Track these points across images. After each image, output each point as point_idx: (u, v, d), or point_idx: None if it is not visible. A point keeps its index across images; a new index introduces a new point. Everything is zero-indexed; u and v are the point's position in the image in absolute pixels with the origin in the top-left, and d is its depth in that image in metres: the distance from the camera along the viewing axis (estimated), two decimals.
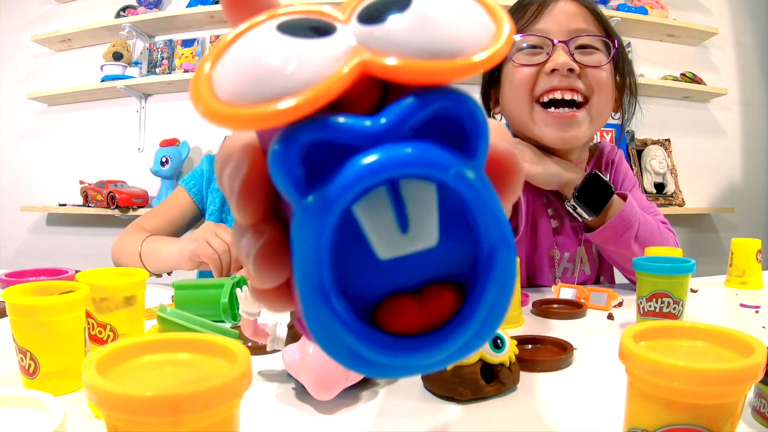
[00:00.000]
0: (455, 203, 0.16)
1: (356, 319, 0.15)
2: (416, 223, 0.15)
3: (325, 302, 0.15)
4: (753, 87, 2.75)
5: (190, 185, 1.20)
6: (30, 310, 0.48)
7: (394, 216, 0.15)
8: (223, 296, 0.73)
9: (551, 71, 0.88)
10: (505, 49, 0.15)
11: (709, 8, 2.71)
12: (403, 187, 0.15)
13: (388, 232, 0.15)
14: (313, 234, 0.15)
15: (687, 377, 0.30)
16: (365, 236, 0.15)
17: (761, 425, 0.42)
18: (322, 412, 0.45)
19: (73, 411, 0.44)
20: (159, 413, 0.24)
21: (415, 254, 0.16)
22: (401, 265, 0.16)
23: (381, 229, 0.15)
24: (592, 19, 0.93)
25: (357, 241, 0.15)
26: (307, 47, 0.15)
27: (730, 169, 2.71)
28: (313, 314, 0.15)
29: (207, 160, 1.22)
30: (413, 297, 0.16)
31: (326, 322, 0.15)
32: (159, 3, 2.61)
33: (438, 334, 0.16)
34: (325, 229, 0.14)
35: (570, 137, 0.90)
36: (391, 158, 0.14)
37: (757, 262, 1.01)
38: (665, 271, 0.67)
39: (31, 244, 2.73)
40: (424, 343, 0.16)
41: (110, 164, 2.60)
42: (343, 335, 0.15)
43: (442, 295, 0.16)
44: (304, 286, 0.15)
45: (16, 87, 2.69)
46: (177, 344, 0.30)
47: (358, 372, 0.16)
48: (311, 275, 0.15)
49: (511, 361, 0.49)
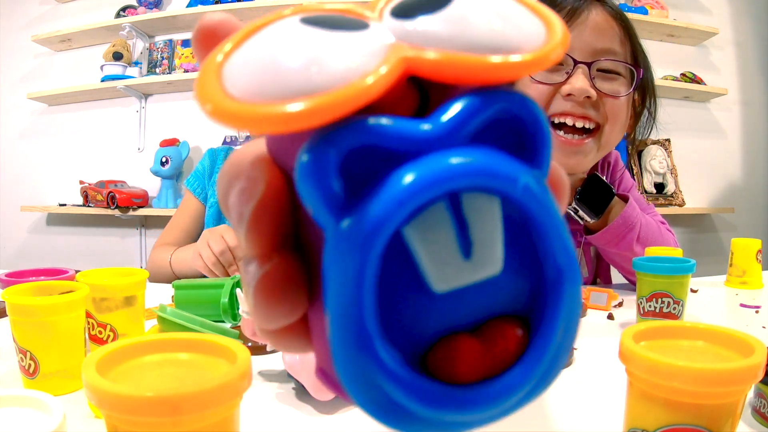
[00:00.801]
0: (516, 221, 0.13)
1: (405, 368, 0.13)
2: (481, 246, 0.13)
3: (366, 349, 0.12)
4: (753, 87, 2.75)
5: (194, 186, 1.20)
6: (30, 310, 0.48)
7: (455, 238, 0.13)
8: (223, 296, 0.72)
9: (567, 95, 0.84)
10: (562, 47, 0.14)
11: (709, 8, 2.71)
12: (466, 203, 0.13)
13: (447, 259, 0.13)
14: (354, 266, 0.12)
15: (687, 377, 0.30)
16: (418, 264, 0.13)
17: (761, 425, 0.42)
18: (322, 412, 0.45)
19: (73, 411, 0.44)
20: (159, 413, 0.24)
21: (475, 285, 0.13)
22: (459, 299, 0.13)
23: (439, 255, 0.12)
24: (622, 36, 0.87)
25: (405, 270, 0.13)
26: (340, 40, 0.13)
27: (730, 169, 2.71)
28: (351, 363, 0.12)
29: (208, 155, 1.22)
30: (474, 337, 0.13)
31: (367, 373, 0.12)
32: (159, 3, 2.61)
33: (502, 381, 0.13)
34: (369, 259, 0.12)
35: (574, 164, 0.88)
36: (456, 167, 0.12)
37: (757, 262, 1.01)
38: (665, 271, 0.67)
39: (31, 244, 2.73)
40: (485, 392, 0.13)
41: (110, 164, 2.60)
42: (387, 388, 0.12)
43: (507, 333, 0.14)
44: (340, 330, 0.12)
45: (16, 87, 2.69)
46: (177, 344, 0.30)
47: (404, 431, 0.13)
48: (349, 317, 0.12)
49: None
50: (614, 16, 0.87)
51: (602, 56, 0.85)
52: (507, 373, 0.13)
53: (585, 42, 0.85)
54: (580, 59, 0.84)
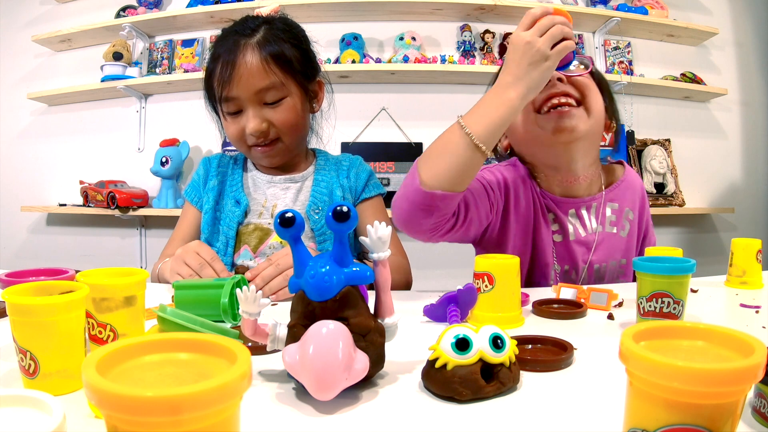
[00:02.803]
0: None
1: None
2: None
3: None
4: (753, 87, 2.75)
5: (192, 195, 1.21)
6: (30, 310, 0.48)
7: None
8: (223, 296, 0.73)
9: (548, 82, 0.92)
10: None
11: (709, 8, 2.71)
12: None
13: None
14: None
15: (687, 377, 0.30)
16: None
17: (761, 425, 0.42)
18: (322, 412, 0.45)
19: (73, 411, 0.44)
20: (159, 413, 0.24)
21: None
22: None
23: None
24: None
25: None
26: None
27: (730, 169, 2.71)
28: None
29: (202, 164, 1.23)
30: None
31: None
32: (159, 3, 2.62)
33: None
34: None
35: (569, 127, 0.97)
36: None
37: (757, 262, 1.01)
38: (665, 271, 0.67)
39: (31, 244, 2.73)
40: None
41: (110, 164, 2.60)
42: None
43: None
44: None
45: (16, 87, 2.70)
46: (177, 344, 0.30)
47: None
48: None
49: (511, 361, 0.49)
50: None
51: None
52: None
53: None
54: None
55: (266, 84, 1.02)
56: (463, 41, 2.50)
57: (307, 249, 0.51)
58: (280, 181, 1.17)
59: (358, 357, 0.47)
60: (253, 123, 1.04)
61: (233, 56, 1.02)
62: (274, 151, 1.09)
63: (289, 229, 0.48)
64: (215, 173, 1.19)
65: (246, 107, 1.04)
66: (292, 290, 0.51)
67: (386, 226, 0.50)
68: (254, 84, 1.02)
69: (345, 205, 0.47)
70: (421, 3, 2.38)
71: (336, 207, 0.47)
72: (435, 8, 2.44)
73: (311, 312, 0.49)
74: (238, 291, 0.49)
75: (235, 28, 1.06)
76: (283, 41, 1.05)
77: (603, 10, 2.48)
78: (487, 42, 2.50)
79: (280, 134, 1.07)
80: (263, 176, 1.18)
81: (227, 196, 1.16)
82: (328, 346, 0.45)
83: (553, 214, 1.05)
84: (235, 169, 1.21)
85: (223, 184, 1.18)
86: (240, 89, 1.02)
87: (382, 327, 0.51)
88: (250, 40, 1.03)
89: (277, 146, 1.09)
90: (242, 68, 1.01)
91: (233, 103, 1.04)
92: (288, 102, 1.06)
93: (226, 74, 1.02)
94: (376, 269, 0.51)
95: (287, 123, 1.06)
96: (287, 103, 1.06)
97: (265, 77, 1.02)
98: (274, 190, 1.16)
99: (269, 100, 1.04)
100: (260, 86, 1.02)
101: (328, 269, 0.48)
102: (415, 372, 0.54)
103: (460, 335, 0.48)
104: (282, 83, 1.04)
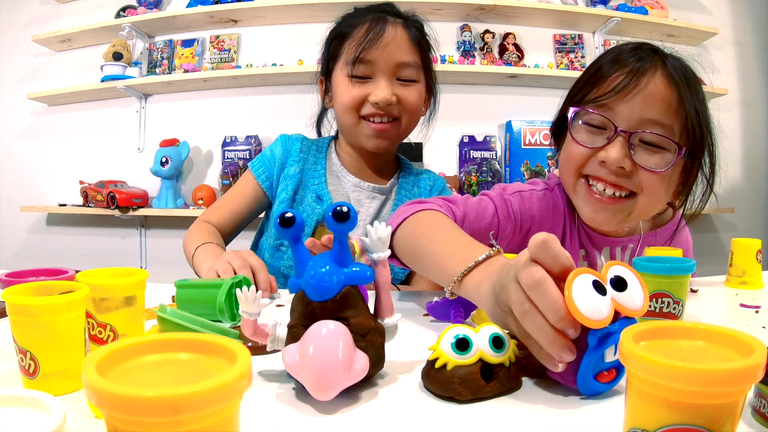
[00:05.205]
0: None
1: None
2: None
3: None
4: (753, 87, 2.75)
5: (259, 171, 1.12)
6: (30, 310, 0.48)
7: None
8: (220, 296, 0.71)
9: (601, 161, 0.81)
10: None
11: (709, 8, 2.71)
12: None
13: None
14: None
15: (687, 377, 0.30)
16: None
17: (761, 425, 0.43)
18: (322, 412, 0.45)
19: (73, 411, 0.44)
20: (159, 413, 0.24)
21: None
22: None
23: None
24: (676, 106, 0.79)
25: None
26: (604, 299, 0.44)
27: (730, 169, 2.71)
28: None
29: (281, 141, 1.14)
30: None
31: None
32: (159, 3, 2.61)
33: None
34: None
35: (602, 221, 0.85)
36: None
37: (757, 262, 1.01)
38: (665, 271, 0.67)
39: (31, 244, 2.73)
40: None
41: (110, 164, 2.60)
42: None
43: None
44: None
45: (16, 87, 2.70)
46: (177, 344, 0.30)
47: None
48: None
49: (511, 361, 0.49)
50: (673, 83, 0.80)
51: (647, 127, 0.79)
52: None
53: (633, 109, 0.79)
54: (623, 127, 0.79)
55: (408, 60, 1.03)
56: (463, 41, 2.50)
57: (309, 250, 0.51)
58: (368, 189, 1.11)
59: (358, 357, 0.47)
60: (385, 92, 1.01)
61: (382, 24, 1.02)
62: (388, 133, 1.06)
63: (289, 229, 0.48)
64: (297, 159, 1.12)
65: (378, 76, 1.03)
66: (292, 290, 0.51)
67: (386, 227, 0.50)
68: (397, 56, 1.02)
69: (345, 205, 0.47)
70: (421, 3, 2.38)
71: (336, 207, 0.47)
72: (435, 8, 2.43)
73: (311, 312, 0.49)
74: (238, 291, 0.49)
75: (376, 8, 1.08)
76: (424, 37, 1.10)
77: (603, 10, 2.48)
78: (487, 42, 2.50)
79: (402, 114, 1.05)
80: (351, 178, 1.12)
81: (308, 189, 1.10)
82: (328, 346, 0.45)
83: (585, 251, 0.95)
84: (318, 159, 1.13)
85: (303, 173, 1.11)
86: (381, 55, 1.01)
87: (381, 327, 0.51)
88: (398, 20, 1.05)
89: (393, 129, 1.06)
90: (390, 36, 1.02)
91: (366, 67, 1.02)
92: (418, 87, 1.07)
93: (370, 36, 1.01)
94: (376, 269, 0.51)
95: (413, 105, 1.06)
96: (417, 87, 1.06)
97: (409, 53, 1.04)
98: (358, 195, 1.11)
99: (404, 77, 1.04)
100: (402, 60, 1.03)
101: (328, 269, 0.48)
102: (415, 372, 0.54)
103: (460, 335, 0.48)
104: (420, 66, 1.06)
